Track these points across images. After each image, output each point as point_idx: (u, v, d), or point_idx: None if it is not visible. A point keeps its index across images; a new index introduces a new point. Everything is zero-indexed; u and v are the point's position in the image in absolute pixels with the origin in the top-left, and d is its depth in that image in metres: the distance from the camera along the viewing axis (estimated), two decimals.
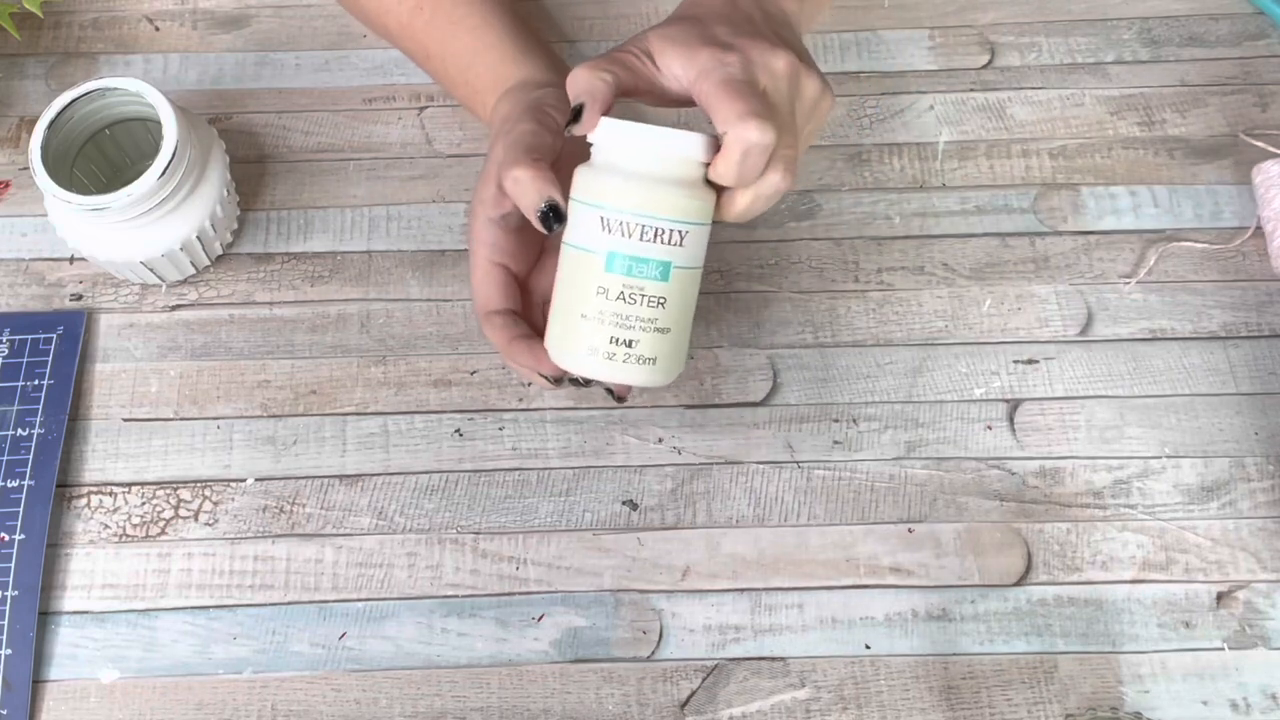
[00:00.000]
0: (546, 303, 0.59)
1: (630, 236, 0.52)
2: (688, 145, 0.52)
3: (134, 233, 0.64)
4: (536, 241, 0.60)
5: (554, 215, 0.53)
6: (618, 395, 0.59)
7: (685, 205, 0.52)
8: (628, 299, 0.53)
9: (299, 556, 0.62)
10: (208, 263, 0.69)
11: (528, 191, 0.54)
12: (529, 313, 0.59)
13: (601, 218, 0.52)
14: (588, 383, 0.57)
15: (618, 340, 0.53)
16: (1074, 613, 0.61)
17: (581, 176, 0.54)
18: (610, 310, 0.53)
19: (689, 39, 0.53)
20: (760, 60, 0.52)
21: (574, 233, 0.54)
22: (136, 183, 0.62)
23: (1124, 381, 0.66)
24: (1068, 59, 0.76)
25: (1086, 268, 0.69)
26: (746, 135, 0.49)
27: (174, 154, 0.62)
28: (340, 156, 0.73)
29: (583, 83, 0.52)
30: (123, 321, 0.68)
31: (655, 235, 0.52)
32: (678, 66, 0.53)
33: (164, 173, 0.62)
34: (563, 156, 0.57)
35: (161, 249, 0.65)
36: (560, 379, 0.57)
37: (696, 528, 0.63)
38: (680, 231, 0.52)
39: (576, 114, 0.52)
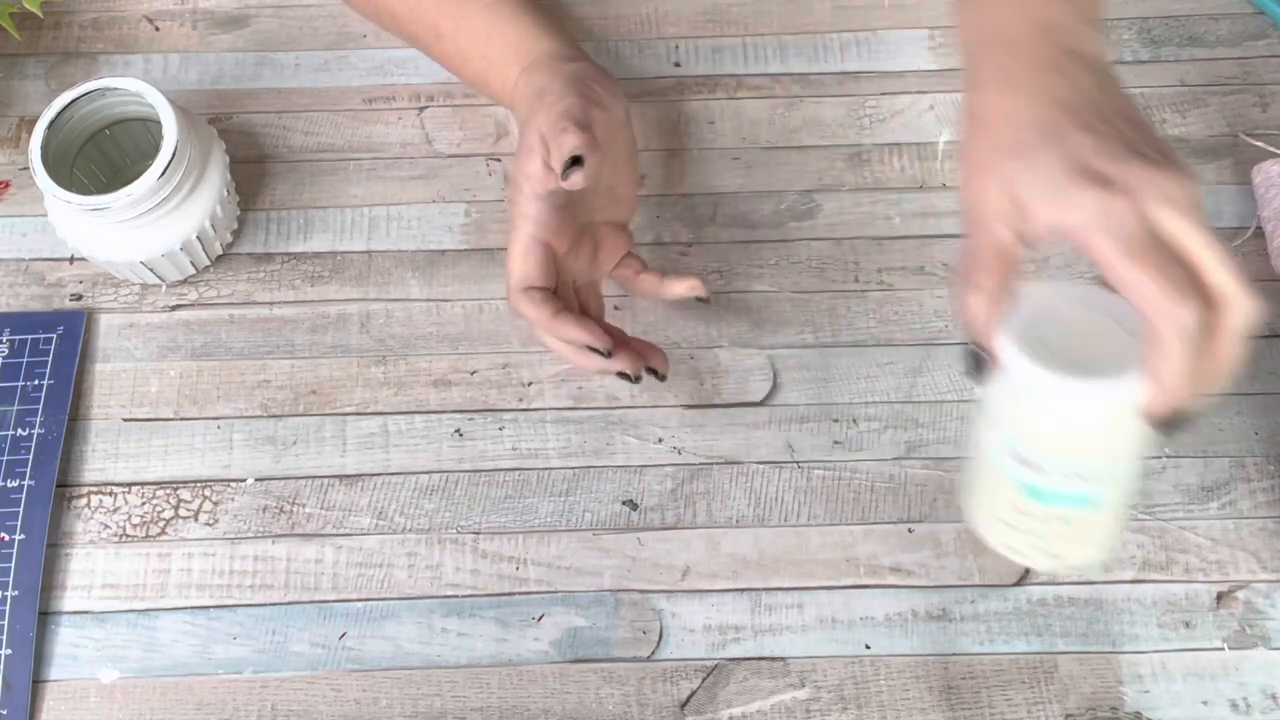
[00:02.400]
0: (575, 285, 0.59)
1: (1049, 474, 0.46)
2: (1125, 394, 0.43)
3: (134, 233, 0.64)
4: (577, 221, 0.60)
5: (575, 164, 0.55)
6: (634, 376, 0.58)
7: (1115, 449, 0.46)
8: (1046, 520, 0.48)
9: (299, 556, 0.62)
10: (208, 263, 0.69)
11: (564, 146, 0.55)
12: (559, 291, 0.59)
13: (1015, 451, 0.46)
14: (638, 379, 0.57)
15: (1040, 550, 0.50)
16: (1074, 613, 0.61)
17: (992, 388, 0.47)
18: (1031, 527, 0.49)
19: (1051, 168, 0.44)
20: (1156, 197, 0.42)
21: (987, 436, 0.49)
22: (136, 183, 0.62)
23: None
24: None
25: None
26: (1183, 321, 0.41)
27: (174, 154, 0.62)
28: (340, 156, 0.73)
29: (979, 309, 0.45)
30: (123, 321, 0.68)
31: (1079, 478, 0.46)
32: (1043, 207, 0.43)
33: (164, 173, 0.62)
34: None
35: (161, 249, 0.65)
36: (610, 350, 0.56)
37: (696, 528, 0.63)
38: (1109, 473, 0.47)
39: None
